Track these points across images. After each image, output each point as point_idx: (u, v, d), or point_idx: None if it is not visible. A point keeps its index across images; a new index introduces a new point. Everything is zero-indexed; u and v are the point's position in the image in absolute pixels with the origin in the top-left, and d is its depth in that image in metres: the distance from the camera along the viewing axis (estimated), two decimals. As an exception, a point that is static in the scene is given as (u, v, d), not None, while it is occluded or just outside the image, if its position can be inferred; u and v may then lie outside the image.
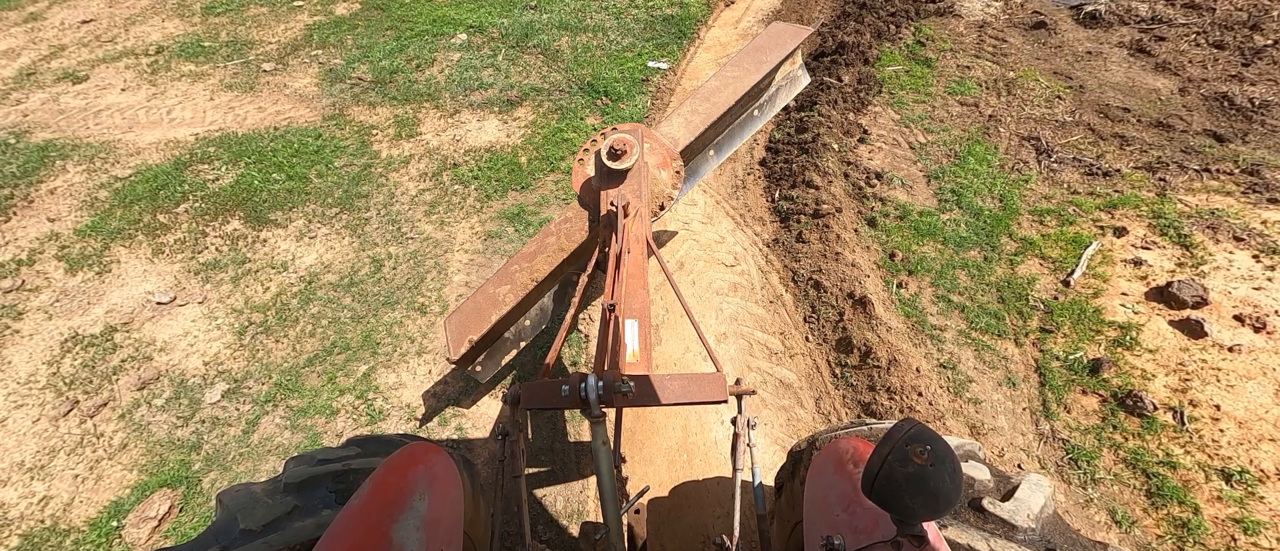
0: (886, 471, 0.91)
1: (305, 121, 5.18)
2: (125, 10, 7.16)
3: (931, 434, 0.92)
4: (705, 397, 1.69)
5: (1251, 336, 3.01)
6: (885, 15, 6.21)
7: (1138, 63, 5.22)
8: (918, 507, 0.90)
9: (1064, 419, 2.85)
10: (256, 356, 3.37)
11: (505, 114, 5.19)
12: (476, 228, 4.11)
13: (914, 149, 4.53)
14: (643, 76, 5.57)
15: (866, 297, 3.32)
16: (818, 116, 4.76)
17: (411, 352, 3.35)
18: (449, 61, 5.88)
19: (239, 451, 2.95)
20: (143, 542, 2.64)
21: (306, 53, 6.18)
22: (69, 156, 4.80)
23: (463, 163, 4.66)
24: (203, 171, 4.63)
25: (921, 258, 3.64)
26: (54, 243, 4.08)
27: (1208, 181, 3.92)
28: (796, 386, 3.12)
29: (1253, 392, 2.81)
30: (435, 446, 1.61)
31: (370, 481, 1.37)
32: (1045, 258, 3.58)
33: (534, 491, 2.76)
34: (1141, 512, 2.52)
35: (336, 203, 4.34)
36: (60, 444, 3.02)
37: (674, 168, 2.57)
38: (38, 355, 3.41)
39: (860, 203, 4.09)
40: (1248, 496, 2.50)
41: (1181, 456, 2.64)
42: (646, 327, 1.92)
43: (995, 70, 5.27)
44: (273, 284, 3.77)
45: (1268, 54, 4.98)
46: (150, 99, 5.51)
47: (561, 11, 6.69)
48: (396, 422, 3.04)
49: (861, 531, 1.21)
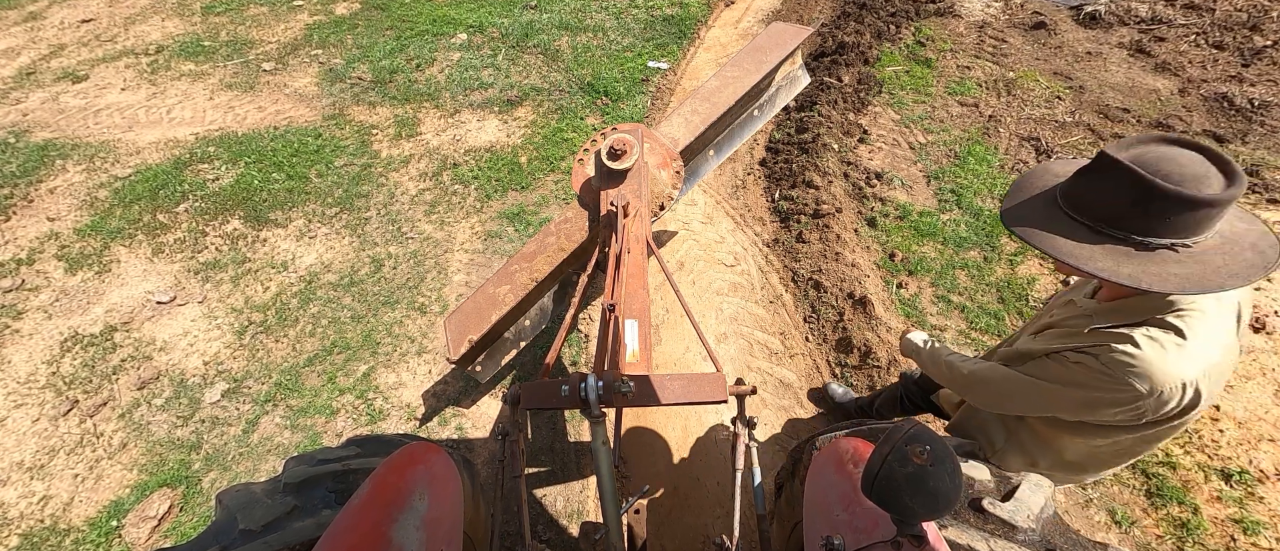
0: (886, 471, 0.91)
1: (305, 121, 5.18)
2: (125, 9, 7.16)
3: (931, 434, 0.92)
4: (705, 397, 1.69)
5: (1251, 336, 3.01)
6: (885, 15, 6.20)
7: (1137, 63, 5.23)
8: (917, 507, 0.90)
9: (1064, 419, 2.85)
10: (256, 356, 3.37)
11: (505, 114, 5.19)
12: (476, 227, 4.10)
13: (914, 149, 4.53)
14: (643, 76, 5.57)
15: (866, 297, 3.32)
16: (818, 116, 4.76)
17: (411, 352, 3.35)
18: (449, 61, 5.88)
19: (239, 451, 2.95)
20: (142, 542, 2.64)
21: (306, 52, 6.18)
22: (69, 156, 4.80)
23: (463, 162, 4.66)
24: (203, 171, 4.63)
25: (921, 258, 3.64)
26: (54, 242, 4.07)
27: (1207, 182, 3.93)
28: (796, 386, 3.12)
29: (1252, 393, 2.81)
30: (435, 446, 1.61)
31: (370, 481, 1.37)
32: (1045, 258, 3.58)
33: (534, 491, 2.76)
34: (1141, 512, 2.52)
35: (336, 202, 4.34)
36: (60, 443, 3.02)
37: (674, 168, 2.57)
38: (37, 354, 3.40)
39: (860, 203, 4.09)
40: (1247, 496, 2.50)
41: (1181, 456, 2.65)
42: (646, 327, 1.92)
43: (995, 70, 5.27)
44: (273, 283, 3.77)
45: (1267, 54, 4.98)
46: (150, 98, 5.51)
47: (561, 11, 6.69)
48: (396, 422, 3.04)
49: (861, 531, 1.21)
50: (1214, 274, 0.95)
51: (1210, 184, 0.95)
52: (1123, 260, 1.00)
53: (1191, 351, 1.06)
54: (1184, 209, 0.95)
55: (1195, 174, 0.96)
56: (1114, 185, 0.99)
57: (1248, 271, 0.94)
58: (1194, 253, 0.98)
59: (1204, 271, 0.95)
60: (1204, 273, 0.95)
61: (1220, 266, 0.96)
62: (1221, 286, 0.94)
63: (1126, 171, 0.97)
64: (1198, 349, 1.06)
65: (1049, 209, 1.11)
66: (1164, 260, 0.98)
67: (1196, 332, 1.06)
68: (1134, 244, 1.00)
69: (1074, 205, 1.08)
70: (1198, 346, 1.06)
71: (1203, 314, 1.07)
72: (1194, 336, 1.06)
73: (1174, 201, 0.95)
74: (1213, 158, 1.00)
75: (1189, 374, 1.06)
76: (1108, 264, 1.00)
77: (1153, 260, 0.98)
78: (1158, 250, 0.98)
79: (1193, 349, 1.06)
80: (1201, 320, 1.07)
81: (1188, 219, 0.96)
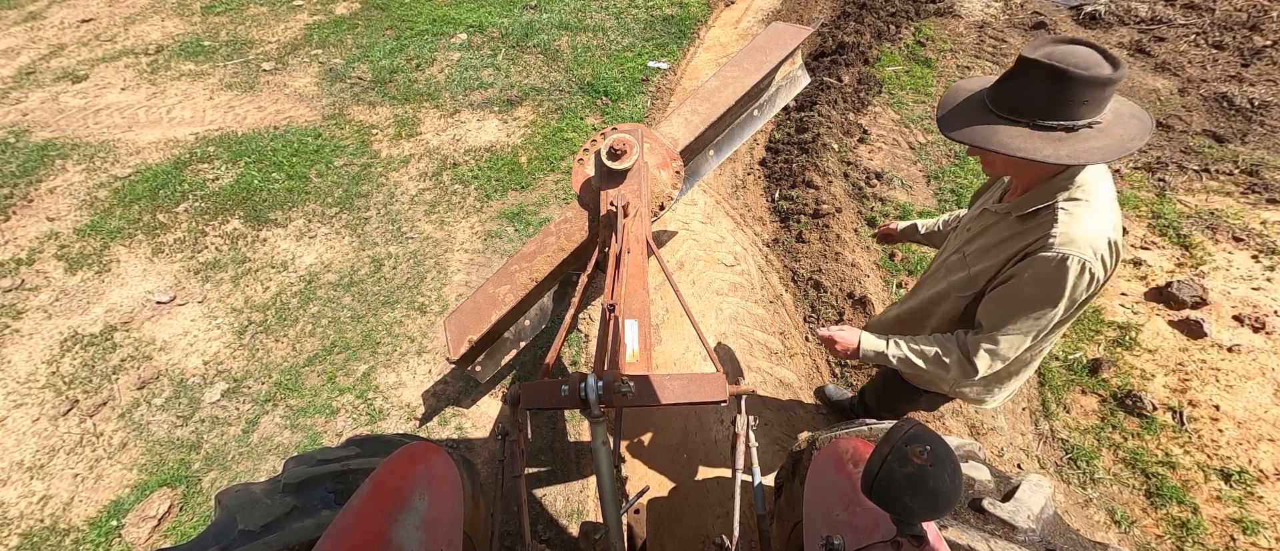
0: (886, 471, 0.91)
1: (305, 121, 5.18)
2: (125, 9, 7.16)
3: (931, 434, 0.92)
4: (705, 397, 1.69)
5: (1251, 336, 3.02)
6: (885, 15, 6.21)
7: (1137, 63, 5.23)
8: (917, 507, 0.90)
9: (1063, 419, 2.85)
10: (256, 356, 3.37)
11: (505, 113, 5.19)
12: (476, 227, 4.11)
13: (914, 149, 4.53)
14: (643, 76, 5.57)
15: (866, 297, 3.32)
16: (818, 116, 4.76)
17: (411, 352, 3.35)
18: (449, 61, 5.88)
19: (238, 451, 2.95)
20: (142, 542, 2.64)
21: (306, 52, 6.18)
22: (68, 155, 4.80)
23: (463, 162, 4.66)
24: (202, 171, 4.63)
25: (921, 258, 3.64)
26: (53, 242, 4.07)
27: (1207, 182, 3.93)
28: (796, 386, 3.12)
29: (1252, 392, 2.81)
30: (435, 446, 1.61)
31: (370, 481, 1.37)
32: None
33: (534, 491, 2.76)
34: (1141, 512, 2.52)
35: (336, 202, 4.34)
36: (60, 443, 3.02)
37: (674, 168, 2.57)
38: (37, 354, 3.40)
39: (860, 203, 4.09)
40: (1247, 496, 2.50)
41: (1181, 456, 2.65)
42: (646, 327, 1.92)
43: (995, 70, 5.27)
44: (272, 283, 3.77)
45: (1267, 54, 4.99)
46: (150, 98, 5.51)
47: (561, 11, 6.69)
48: (396, 422, 3.04)
49: (861, 531, 1.21)
50: (1122, 140, 1.19)
51: (1104, 68, 1.16)
52: (1059, 144, 1.19)
53: (1099, 211, 1.29)
54: (1092, 88, 1.15)
55: (1093, 61, 1.18)
56: (1037, 80, 1.19)
57: (1142, 133, 1.19)
58: (1104, 127, 1.20)
59: (1117, 140, 1.19)
60: (1117, 140, 1.19)
61: (1122, 134, 1.19)
62: (1132, 147, 1.18)
63: (1047, 67, 1.17)
64: (1103, 209, 1.30)
65: (981, 113, 1.29)
66: (1087, 137, 1.19)
67: (1098, 197, 1.30)
68: (1063, 128, 1.20)
69: (1005, 106, 1.26)
70: (1103, 207, 1.30)
71: (1093, 184, 1.31)
72: (1098, 200, 1.30)
73: (1085, 83, 1.15)
74: (1098, 49, 1.21)
75: (1108, 230, 1.29)
76: (1050, 149, 1.19)
77: (1079, 139, 1.19)
78: (1080, 130, 1.20)
79: (1100, 209, 1.30)
80: (1096, 189, 1.31)
81: (1095, 98, 1.17)
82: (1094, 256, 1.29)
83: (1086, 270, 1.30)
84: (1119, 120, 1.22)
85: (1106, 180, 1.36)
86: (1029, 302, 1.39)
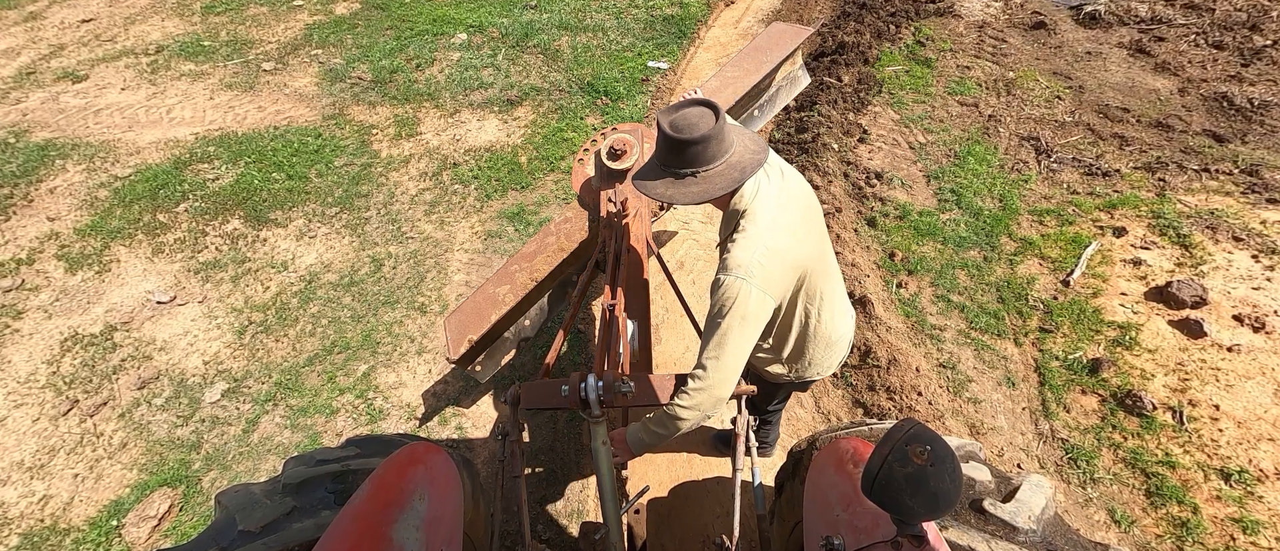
0: (886, 471, 0.91)
1: (305, 121, 5.18)
2: (125, 9, 7.15)
3: (931, 434, 0.92)
4: None
5: (1250, 336, 3.01)
6: (885, 15, 6.20)
7: (1137, 63, 5.22)
8: (917, 507, 0.90)
9: (1063, 418, 2.85)
10: (256, 356, 3.37)
11: (505, 113, 5.18)
12: (476, 227, 4.11)
13: (914, 149, 4.53)
14: (643, 76, 5.57)
15: (866, 297, 3.32)
16: (818, 116, 4.76)
17: (411, 352, 3.35)
18: (449, 61, 5.88)
19: (239, 451, 2.95)
20: (142, 542, 2.64)
21: (306, 52, 6.18)
22: (69, 155, 4.80)
23: (463, 162, 4.66)
24: (202, 171, 4.63)
25: (921, 257, 3.64)
26: (54, 242, 4.07)
27: (1207, 181, 3.93)
28: (796, 386, 3.12)
29: (1252, 392, 2.81)
30: (435, 446, 1.61)
31: (370, 481, 1.37)
32: (1045, 257, 3.58)
33: (534, 491, 2.76)
34: (1141, 512, 2.52)
35: (336, 202, 4.34)
36: (60, 443, 3.02)
37: (674, 168, 2.56)
38: (37, 354, 3.40)
39: (860, 202, 4.09)
40: (1247, 496, 2.50)
41: (1181, 456, 2.65)
42: (646, 327, 1.92)
43: (995, 70, 5.27)
44: (273, 283, 3.77)
45: (1267, 54, 4.98)
46: (150, 98, 5.51)
47: (561, 11, 6.69)
48: (396, 422, 3.04)
49: (861, 531, 1.21)
50: (711, 187, 1.45)
51: (702, 126, 1.41)
52: (671, 186, 1.49)
53: (753, 237, 1.51)
54: (688, 146, 1.42)
55: (696, 122, 1.42)
56: (662, 139, 1.47)
57: (728, 184, 1.45)
58: (709, 174, 1.46)
59: (708, 186, 1.46)
60: (708, 187, 1.45)
61: (717, 180, 1.45)
62: (712, 194, 1.45)
63: (660, 130, 1.46)
64: (758, 235, 1.51)
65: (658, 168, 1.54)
66: (688, 182, 1.47)
67: (758, 224, 1.52)
68: (675, 175, 1.48)
69: (660, 160, 1.53)
70: (758, 233, 1.51)
71: (759, 214, 1.53)
72: (756, 228, 1.52)
73: (681, 143, 1.42)
74: (707, 106, 1.46)
75: (753, 253, 1.49)
76: (661, 190, 1.49)
77: (683, 183, 1.47)
78: (686, 177, 1.47)
79: (754, 235, 1.51)
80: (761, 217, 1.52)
81: (694, 152, 1.43)
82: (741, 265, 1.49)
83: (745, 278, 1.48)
84: (728, 168, 1.46)
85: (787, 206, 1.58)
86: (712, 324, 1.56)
